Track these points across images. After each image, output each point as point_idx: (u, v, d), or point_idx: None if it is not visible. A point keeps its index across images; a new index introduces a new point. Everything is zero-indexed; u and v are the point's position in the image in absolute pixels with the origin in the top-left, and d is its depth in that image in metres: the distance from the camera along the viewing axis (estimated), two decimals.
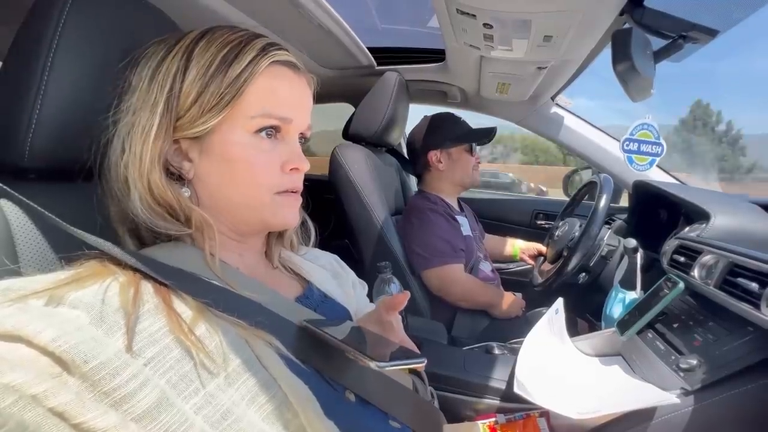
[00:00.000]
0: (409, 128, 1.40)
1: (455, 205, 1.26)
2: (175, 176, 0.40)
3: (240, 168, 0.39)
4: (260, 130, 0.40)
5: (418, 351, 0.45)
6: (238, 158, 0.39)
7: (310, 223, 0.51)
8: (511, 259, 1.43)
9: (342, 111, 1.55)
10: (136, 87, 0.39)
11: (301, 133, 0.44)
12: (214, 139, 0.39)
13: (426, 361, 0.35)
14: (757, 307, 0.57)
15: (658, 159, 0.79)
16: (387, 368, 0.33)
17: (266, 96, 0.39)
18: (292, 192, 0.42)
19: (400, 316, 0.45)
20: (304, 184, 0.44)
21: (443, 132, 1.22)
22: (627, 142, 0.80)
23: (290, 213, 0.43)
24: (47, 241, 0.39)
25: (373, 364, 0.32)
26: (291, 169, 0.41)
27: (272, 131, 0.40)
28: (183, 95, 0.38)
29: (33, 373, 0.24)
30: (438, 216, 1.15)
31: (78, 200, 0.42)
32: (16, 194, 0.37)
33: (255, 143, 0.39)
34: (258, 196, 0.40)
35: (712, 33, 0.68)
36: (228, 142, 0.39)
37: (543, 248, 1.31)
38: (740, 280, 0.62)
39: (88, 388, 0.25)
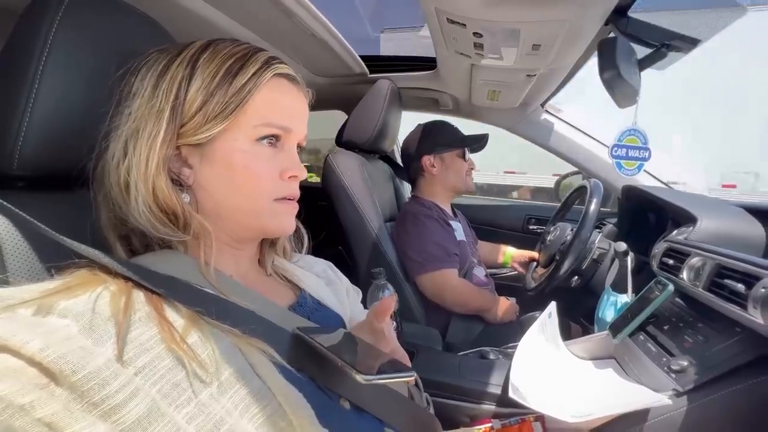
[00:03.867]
0: (401, 135, 1.41)
1: (449, 211, 1.27)
2: (175, 182, 0.40)
3: (241, 174, 0.40)
4: (262, 139, 0.40)
5: (408, 362, 0.45)
6: (240, 165, 0.39)
7: (303, 230, 0.52)
8: (503, 267, 1.44)
9: None
10: (137, 93, 0.39)
11: (298, 143, 0.45)
12: (216, 146, 0.39)
13: (415, 375, 0.35)
14: (744, 307, 0.58)
15: (645, 163, 0.81)
16: (374, 381, 0.33)
17: (269, 106, 0.40)
18: (290, 199, 0.43)
19: (392, 325, 0.45)
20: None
21: (437, 137, 1.23)
22: (615, 148, 0.82)
23: (288, 220, 0.43)
24: (35, 251, 0.39)
25: (360, 377, 0.32)
26: (289, 177, 0.42)
27: (273, 140, 0.41)
28: (188, 103, 0.38)
29: (19, 384, 0.24)
30: (432, 221, 1.16)
31: (68, 208, 0.42)
32: (4, 203, 0.36)
33: (256, 151, 0.40)
34: (258, 203, 0.41)
35: (693, 42, 0.71)
36: (230, 150, 0.39)
37: (535, 255, 1.32)
38: (727, 281, 0.63)
39: (76, 399, 0.25)
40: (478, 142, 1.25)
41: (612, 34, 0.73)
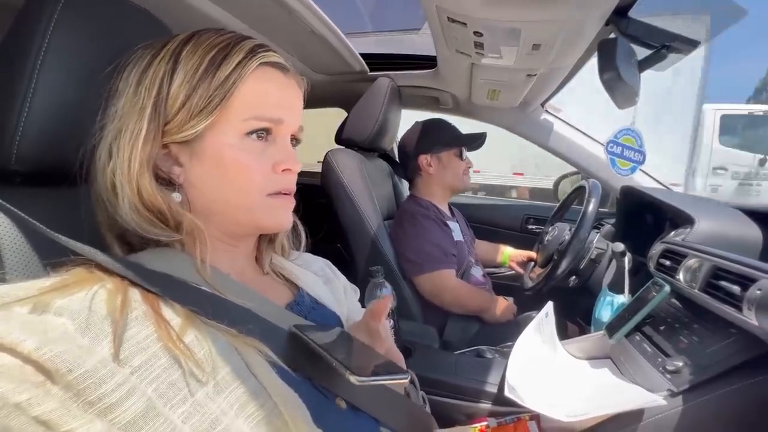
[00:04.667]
0: (401, 134, 1.41)
1: (446, 210, 1.27)
2: (165, 181, 0.39)
3: (232, 170, 0.39)
4: (251, 133, 0.39)
5: (403, 364, 0.45)
6: (230, 160, 0.38)
7: (301, 228, 0.51)
8: (501, 266, 1.44)
9: None
10: (122, 92, 0.38)
11: (293, 135, 0.43)
12: (205, 142, 0.38)
13: (408, 377, 0.35)
14: (739, 309, 0.58)
15: (639, 166, 0.80)
16: (367, 383, 0.33)
17: (256, 98, 0.39)
18: (285, 194, 0.42)
19: (388, 324, 0.45)
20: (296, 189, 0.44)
21: (434, 137, 1.23)
22: (611, 145, 0.82)
23: (283, 215, 0.42)
24: (33, 248, 0.39)
25: (353, 378, 0.32)
26: (283, 170, 0.41)
27: (263, 133, 0.40)
28: (171, 99, 0.37)
29: (16, 382, 0.24)
30: (430, 221, 1.16)
31: (66, 205, 0.42)
32: (0, 201, 0.36)
33: (246, 145, 0.39)
34: (249, 197, 0.40)
35: (693, 43, 0.71)
36: (219, 145, 0.38)
37: (532, 254, 1.32)
38: (723, 283, 0.63)
39: (72, 397, 0.25)
40: (476, 141, 1.24)
41: (612, 35, 0.73)
